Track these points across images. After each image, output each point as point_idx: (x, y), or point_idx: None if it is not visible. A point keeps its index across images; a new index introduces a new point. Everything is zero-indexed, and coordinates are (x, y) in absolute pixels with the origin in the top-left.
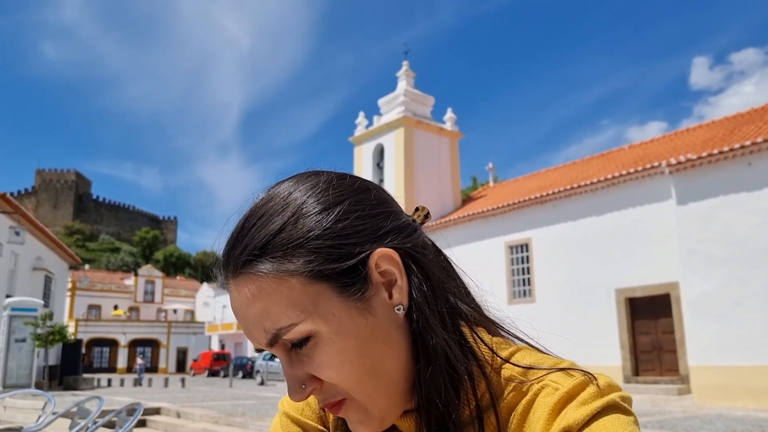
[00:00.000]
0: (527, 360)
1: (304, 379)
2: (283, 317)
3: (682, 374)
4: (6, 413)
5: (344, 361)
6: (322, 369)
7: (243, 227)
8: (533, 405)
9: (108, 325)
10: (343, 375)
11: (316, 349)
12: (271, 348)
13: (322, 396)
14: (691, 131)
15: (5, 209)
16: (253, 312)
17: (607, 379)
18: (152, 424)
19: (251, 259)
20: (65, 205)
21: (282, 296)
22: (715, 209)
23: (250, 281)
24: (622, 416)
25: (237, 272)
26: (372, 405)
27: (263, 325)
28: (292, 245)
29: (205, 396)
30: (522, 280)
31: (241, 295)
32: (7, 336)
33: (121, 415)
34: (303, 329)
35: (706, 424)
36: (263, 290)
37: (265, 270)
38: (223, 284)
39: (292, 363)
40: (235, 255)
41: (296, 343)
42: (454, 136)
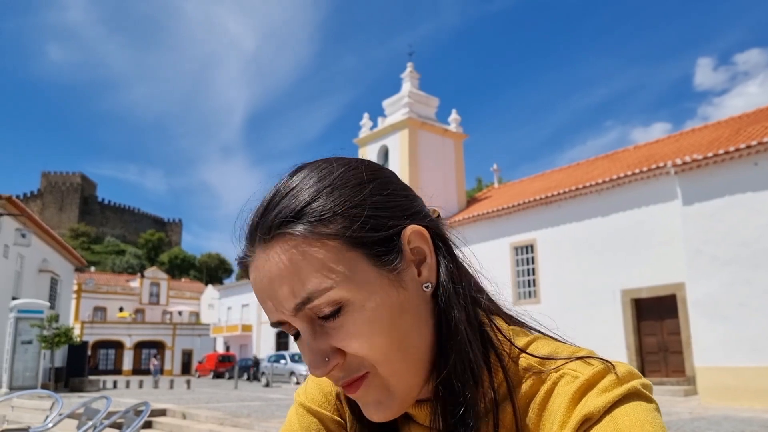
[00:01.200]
0: (545, 349)
1: (328, 352)
2: (317, 281)
3: (689, 375)
4: (14, 413)
5: (374, 332)
6: (351, 339)
7: (275, 195)
8: (553, 394)
9: (113, 327)
10: (372, 345)
11: (346, 318)
12: (295, 317)
13: (344, 372)
14: (696, 131)
15: (11, 212)
16: (284, 275)
17: (627, 366)
18: (158, 426)
19: (286, 221)
20: (71, 207)
21: (317, 260)
22: (720, 209)
23: (283, 243)
24: (643, 403)
25: (270, 235)
26: (396, 381)
27: (293, 290)
28: (328, 211)
29: (211, 397)
30: (527, 281)
31: (272, 259)
32: (13, 338)
33: (129, 415)
34: (336, 295)
35: (713, 425)
36: (298, 253)
37: (302, 231)
38: (247, 252)
39: (315, 335)
40: (267, 219)
41: (325, 311)
42: (458, 138)
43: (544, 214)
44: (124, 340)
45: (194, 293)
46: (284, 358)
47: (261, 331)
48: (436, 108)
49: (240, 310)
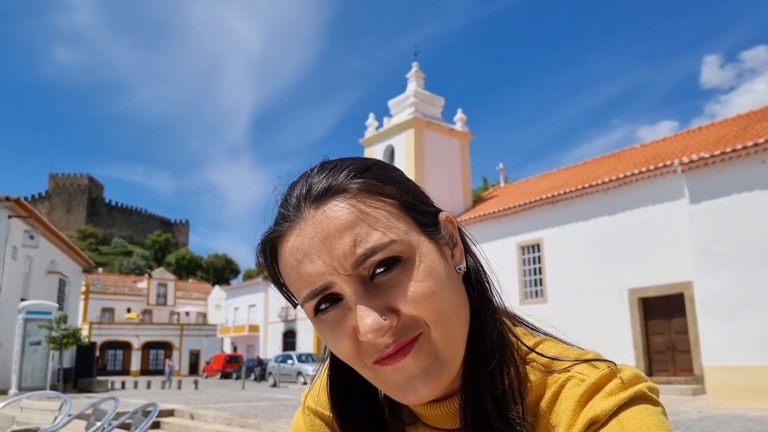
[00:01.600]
0: (552, 351)
1: (385, 311)
2: (380, 234)
3: (697, 374)
4: (23, 414)
5: (432, 287)
6: (410, 295)
7: (323, 164)
8: (559, 396)
9: (121, 327)
10: (431, 301)
11: (406, 273)
12: (349, 277)
13: (396, 336)
14: (703, 129)
15: (20, 214)
16: (345, 229)
17: (634, 370)
18: (166, 426)
19: (344, 179)
20: (78, 209)
21: (381, 216)
22: (728, 208)
23: (342, 200)
24: (649, 406)
25: (331, 190)
26: (446, 347)
27: (355, 243)
28: (382, 176)
29: (218, 398)
30: (534, 281)
31: (328, 216)
32: (22, 339)
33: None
34: (398, 249)
35: (721, 424)
36: (358, 208)
37: (361, 187)
38: (290, 218)
39: (370, 296)
40: (320, 179)
41: (385, 266)
42: (464, 137)
43: (551, 214)
44: (132, 341)
45: (201, 294)
46: (291, 359)
47: (268, 331)
48: (441, 107)
49: (247, 311)
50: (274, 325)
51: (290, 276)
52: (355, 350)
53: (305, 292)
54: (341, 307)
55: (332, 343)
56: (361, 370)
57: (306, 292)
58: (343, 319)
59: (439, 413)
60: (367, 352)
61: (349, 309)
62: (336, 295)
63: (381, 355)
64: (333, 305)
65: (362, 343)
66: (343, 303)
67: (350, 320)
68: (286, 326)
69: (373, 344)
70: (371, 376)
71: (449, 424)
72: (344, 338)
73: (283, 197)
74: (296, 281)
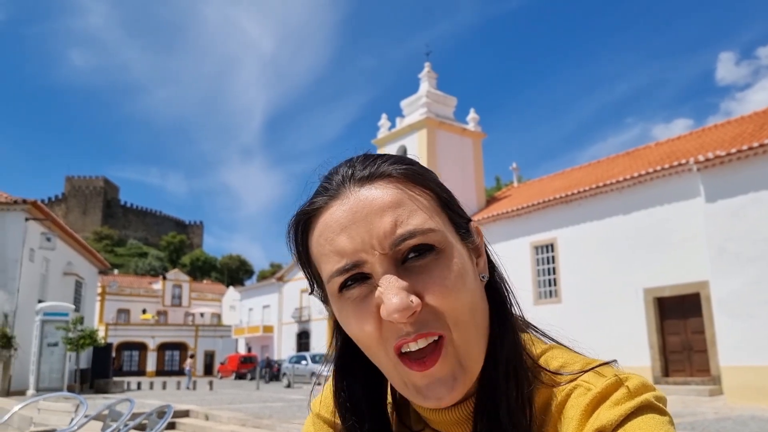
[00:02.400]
0: (559, 359)
1: (411, 295)
2: (421, 219)
3: (714, 375)
4: (40, 416)
5: (459, 285)
6: (438, 285)
7: (368, 153)
8: (566, 405)
9: (137, 328)
10: (456, 297)
11: (435, 264)
12: (384, 255)
13: (415, 327)
14: (719, 127)
15: (37, 216)
16: (388, 208)
17: (641, 378)
18: (181, 427)
19: (389, 165)
20: (94, 211)
21: (422, 204)
22: (744, 206)
23: (387, 183)
24: (656, 416)
25: (376, 173)
26: (467, 350)
27: (397, 222)
28: (422, 171)
29: (233, 398)
30: (548, 281)
31: (373, 194)
32: (39, 340)
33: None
34: (435, 238)
35: (739, 425)
36: (402, 192)
37: (406, 173)
38: (334, 191)
39: (400, 277)
40: (367, 163)
41: (420, 251)
42: (477, 137)
43: (565, 213)
44: (148, 342)
45: (216, 295)
46: (305, 359)
47: (282, 332)
48: (454, 107)
49: (261, 312)
50: (288, 325)
51: (322, 249)
52: (378, 332)
53: (336, 267)
54: (368, 285)
55: (354, 323)
56: (381, 358)
57: (337, 266)
58: (368, 297)
59: (450, 419)
60: (388, 337)
61: (376, 288)
62: (365, 274)
63: (402, 341)
64: (360, 283)
65: (384, 327)
66: (370, 282)
67: (376, 299)
68: (300, 327)
69: (395, 328)
70: (390, 369)
71: (458, 431)
72: (368, 317)
73: (325, 176)
74: (328, 255)
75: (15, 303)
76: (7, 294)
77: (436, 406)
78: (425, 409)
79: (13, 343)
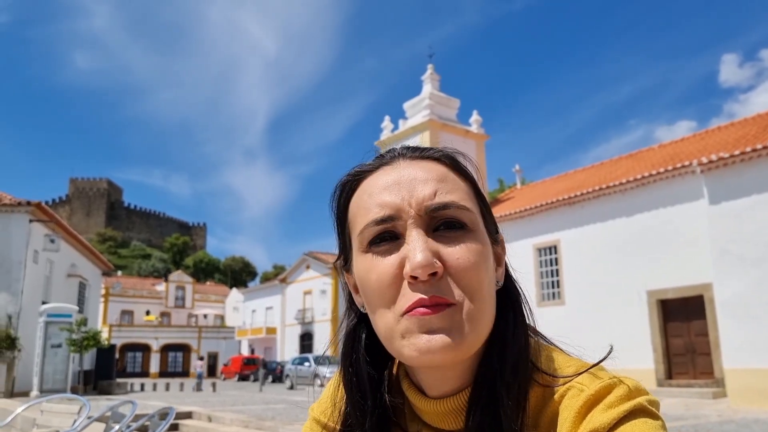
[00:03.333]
0: (554, 360)
1: (436, 257)
2: (460, 195)
3: (717, 377)
4: (43, 417)
5: (478, 264)
6: (462, 257)
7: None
8: (559, 406)
9: (140, 330)
10: (476, 274)
11: (463, 239)
12: (419, 217)
13: (435, 289)
14: (722, 129)
15: (41, 218)
16: (432, 180)
17: (634, 382)
18: (184, 428)
19: (436, 152)
20: (98, 212)
21: (462, 186)
22: (748, 209)
23: (438, 164)
24: (649, 420)
25: (427, 154)
26: (474, 323)
27: (437, 192)
28: (466, 167)
29: (236, 400)
30: (551, 283)
31: (421, 167)
32: (43, 341)
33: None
34: (469, 217)
35: (742, 428)
36: (445, 173)
37: (453, 164)
38: (388, 159)
39: (428, 239)
40: (426, 147)
41: (452, 223)
42: (480, 139)
43: (568, 215)
44: (151, 343)
45: (219, 296)
46: (308, 361)
47: (285, 333)
48: (457, 109)
49: (264, 313)
50: (291, 327)
51: (362, 203)
52: (395, 288)
53: (372, 218)
54: (397, 243)
55: (374, 275)
56: (387, 314)
57: (373, 217)
58: (394, 251)
59: (443, 409)
60: (404, 296)
61: (405, 246)
62: (396, 234)
63: (415, 302)
64: (389, 242)
65: (402, 285)
66: (399, 241)
67: (401, 255)
68: (303, 328)
69: (412, 288)
70: (391, 323)
71: (451, 425)
72: (389, 269)
73: (383, 153)
74: (367, 208)
75: (19, 304)
76: (11, 295)
77: (428, 363)
78: (419, 399)
79: (16, 344)
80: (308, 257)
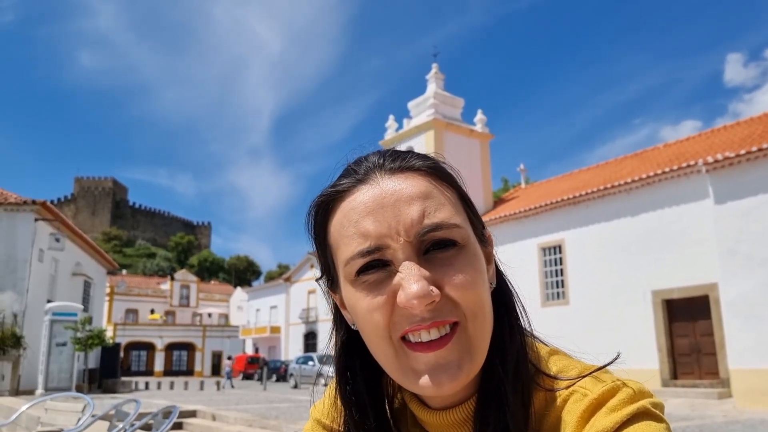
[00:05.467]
0: (557, 364)
1: (431, 284)
2: (448, 213)
3: (723, 378)
4: (48, 416)
5: (476, 280)
6: (458, 277)
7: (396, 149)
8: (562, 410)
9: (145, 329)
10: (474, 289)
11: (456, 258)
12: (408, 243)
13: (434, 313)
14: (728, 128)
15: (46, 217)
16: (417, 199)
17: (638, 384)
18: (188, 427)
19: (417, 159)
20: (103, 211)
21: (446, 197)
22: (754, 208)
23: (414, 175)
24: (653, 423)
25: (405, 165)
26: (477, 343)
27: (425, 213)
28: (448, 168)
29: (240, 399)
30: (555, 282)
31: (402, 183)
32: (48, 340)
33: (158, 418)
34: (459, 234)
35: (748, 429)
36: (430, 185)
37: (432, 169)
38: (363, 175)
39: (422, 265)
40: (396, 154)
41: (444, 244)
42: (484, 138)
43: (572, 215)
44: (156, 342)
45: (223, 295)
46: (312, 360)
47: (289, 332)
48: (461, 109)
49: (268, 312)
50: (295, 326)
51: (344, 231)
52: (387, 318)
53: (357, 249)
54: (386, 271)
55: (365, 307)
56: (383, 346)
57: (359, 248)
58: (385, 282)
59: (449, 420)
60: (399, 323)
61: (395, 274)
62: (385, 261)
63: (415, 327)
64: (378, 270)
65: (395, 313)
66: (389, 269)
67: (393, 284)
68: (307, 327)
69: (408, 315)
70: (390, 356)
71: None
72: (380, 302)
73: (352, 162)
74: (350, 237)
75: (24, 303)
76: (16, 294)
77: (435, 394)
78: (422, 411)
79: (22, 342)
80: (312, 256)
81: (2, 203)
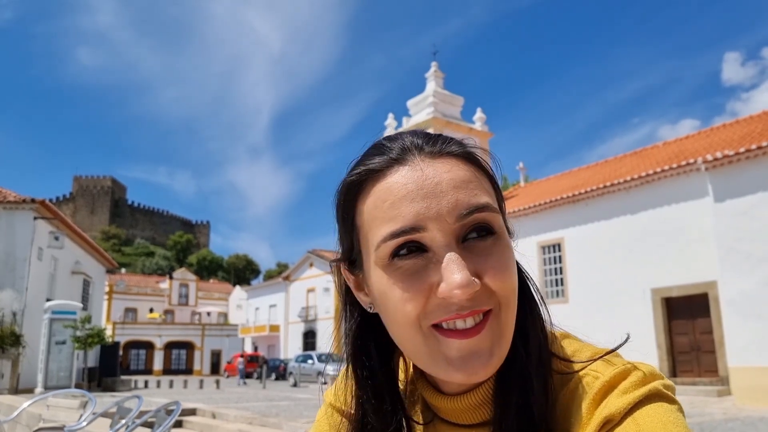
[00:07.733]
0: (569, 347)
1: (472, 273)
2: (489, 200)
3: (722, 375)
4: (49, 412)
5: (511, 268)
6: (497, 267)
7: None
8: (575, 393)
9: (144, 327)
10: (511, 280)
11: (494, 247)
12: (449, 226)
13: (474, 302)
14: (727, 127)
15: (45, 215)
16: (458, 184)
17: (649, 367)
18: (188, 425)
19: (456, 146)
20: (102, 210)
21: (485, 184)
22: (754, 206)
23: (452, 161)
24: (665, 404)
25: (445, 149)
26: (508, 331)
27: (467, 197)
28: (484, 161)
29: (240, 397)
30: (554, 281)
31: (442, 167)
32: (48, 338)
33: (160, 414)
34: (498, 221)
35: (747, 426)
36: (469, 172)
37: (474, 159)
38: (410, 152)
39: (463, 257)
40: (442, 138)
41: (483, 230)
42: (484, 136)
43: (572, 213)
44: (155, 341)
45: (222, 294)
46: (311, 358)
47: (288, 331)
48: (461, 107)
49: (268, 311)
50: (295, 325)
51: (378, 212)
52: (421, 308)
53: (391, 229)
54: (424, 258)
55: (399, 295)
56: (413, 332)
57: (392, 229)
58: (422, 271)
59: (465, 405)
60: (434, 312)
61: (435, 263)
62: (420, 244)
63: (454, 316)
64: (415, 254)
65: (430, 302)
66: (426, 255)
67: (432, 274)
68: (306, 326)
69: (445, 305)
70: (418, 343)
71: (469, 419)
72: (417, 292)
73: (383, 138)
74: (385, 219)
75: (23, 301)
76: (15, 292)
77: (467, 381)
78: (436, 397)
79: (21, 341)
80: (312, 255)
81: (1, 201)
